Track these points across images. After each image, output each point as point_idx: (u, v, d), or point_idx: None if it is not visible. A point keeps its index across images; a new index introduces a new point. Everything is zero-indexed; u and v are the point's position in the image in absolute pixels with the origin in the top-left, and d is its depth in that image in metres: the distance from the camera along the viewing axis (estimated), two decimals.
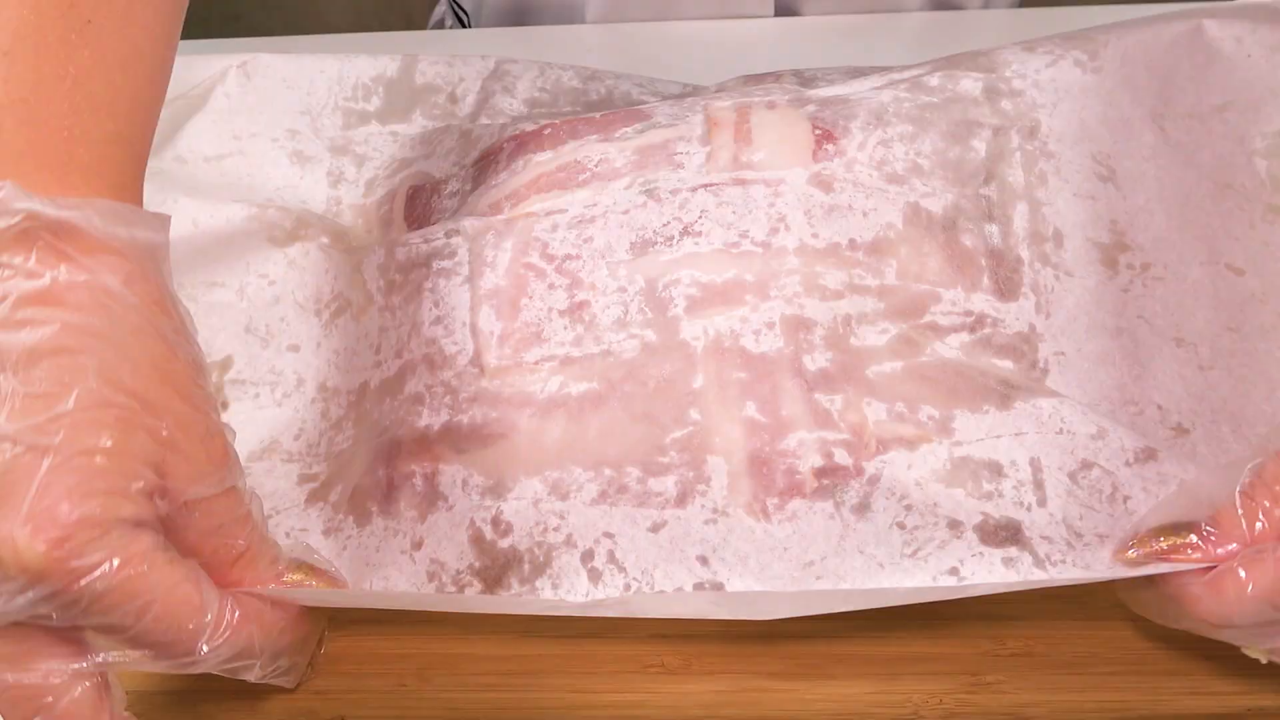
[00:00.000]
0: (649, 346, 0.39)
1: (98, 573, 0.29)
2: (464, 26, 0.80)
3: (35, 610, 0.29)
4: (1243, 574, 0.31)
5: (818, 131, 0.42)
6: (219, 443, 0.33)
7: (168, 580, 0.30)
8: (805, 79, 0.48)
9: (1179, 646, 0.38)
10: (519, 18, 0.76)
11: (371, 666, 0.39)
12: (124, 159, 0.34)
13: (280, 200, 0.50)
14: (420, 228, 0.46)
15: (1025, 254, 0.40)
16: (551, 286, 0.40)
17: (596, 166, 0.43)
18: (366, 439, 0.42)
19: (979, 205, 0.41)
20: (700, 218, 0.40)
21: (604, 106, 0.51)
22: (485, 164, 0.46)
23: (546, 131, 0.45)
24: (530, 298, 0.40)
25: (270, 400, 0.44)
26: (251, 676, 0.34)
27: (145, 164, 0.35)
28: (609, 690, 0.38)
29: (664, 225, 0.40)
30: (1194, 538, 0.33)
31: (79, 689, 0.30)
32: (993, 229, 0.40)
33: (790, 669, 0.38)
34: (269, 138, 0.51)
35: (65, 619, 0.29)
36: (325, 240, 0.47)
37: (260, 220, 0.47)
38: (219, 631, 0.32)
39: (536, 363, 0.39)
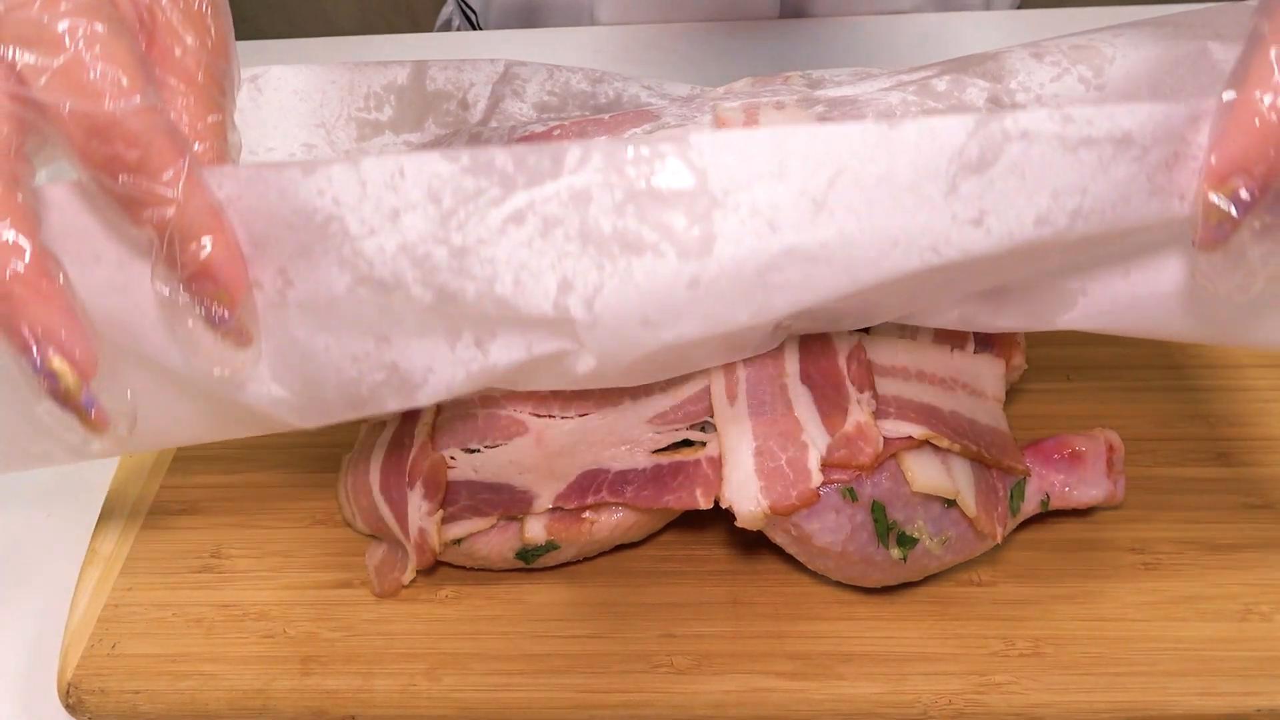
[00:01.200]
0: None
1: None
2: (472, 26, 0.80)
3: None
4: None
5: None
6: (222, 48, 0.34)
7: (111, 36, 0.30)
8: (813, 81, 0.48)
9: (1189, 647, 0.38)
10: (527, 17, 0.76)
11: (380, 666, 0.39)
12: None
13: None
14: None
15: None
16: None
17: None
18: None
19: None
20: None
21: (612, 110, 0.51)
22: None
23: (555, 132, 0.45)
24: None
25: None
26: (154, 250, 0.31)
27: None
28: (617, 690, 0.38)
29: None
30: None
31: None
32: None
33: (798, 669, 0.38)
34: (285, 154, 0.51)
35: None
36: None
37: None
38: (144, 110, 0.30)
39: None
